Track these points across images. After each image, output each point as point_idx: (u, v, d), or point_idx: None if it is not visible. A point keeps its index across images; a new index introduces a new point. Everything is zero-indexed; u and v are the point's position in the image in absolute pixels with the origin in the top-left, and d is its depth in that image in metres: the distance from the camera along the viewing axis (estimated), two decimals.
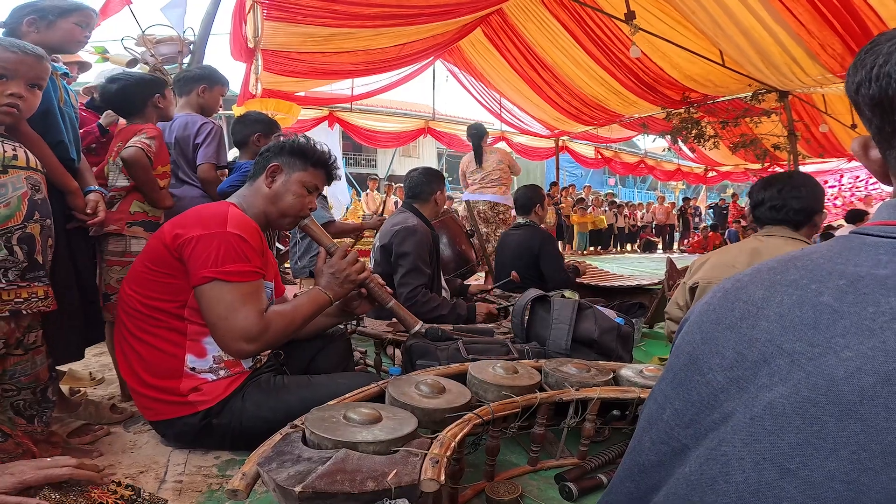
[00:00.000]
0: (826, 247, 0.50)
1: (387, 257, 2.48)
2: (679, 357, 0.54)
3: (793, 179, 1.81)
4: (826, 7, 4.94)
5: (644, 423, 0.57)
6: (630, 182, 23.36)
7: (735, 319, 0.49)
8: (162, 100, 2.01)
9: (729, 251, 2.01)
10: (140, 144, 1.82)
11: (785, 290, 0.47)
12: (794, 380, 0.41)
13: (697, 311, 0.56)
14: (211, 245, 1.34)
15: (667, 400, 0.53)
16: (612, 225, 13.14)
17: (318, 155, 1.60)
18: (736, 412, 0.45)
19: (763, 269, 0.53)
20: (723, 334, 0.50)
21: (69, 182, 1.61)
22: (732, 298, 0.52)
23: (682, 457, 0.49)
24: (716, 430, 0.46)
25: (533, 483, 1.35)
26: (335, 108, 8.56)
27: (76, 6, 1.73)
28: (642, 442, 0.56)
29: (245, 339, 1.33)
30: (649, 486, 0.52)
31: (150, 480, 1.30)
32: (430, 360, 1.63)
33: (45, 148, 1.50)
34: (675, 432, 0.50)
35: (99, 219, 1.67)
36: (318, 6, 5.09)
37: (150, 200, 1.89)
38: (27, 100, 1.32)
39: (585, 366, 1.48)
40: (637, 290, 3.42)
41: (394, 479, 0.84)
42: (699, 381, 0.49)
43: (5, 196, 1.23)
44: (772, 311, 0.47)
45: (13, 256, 1.23)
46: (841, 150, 10.81)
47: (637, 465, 0.55)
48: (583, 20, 6.81)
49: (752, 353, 0.46)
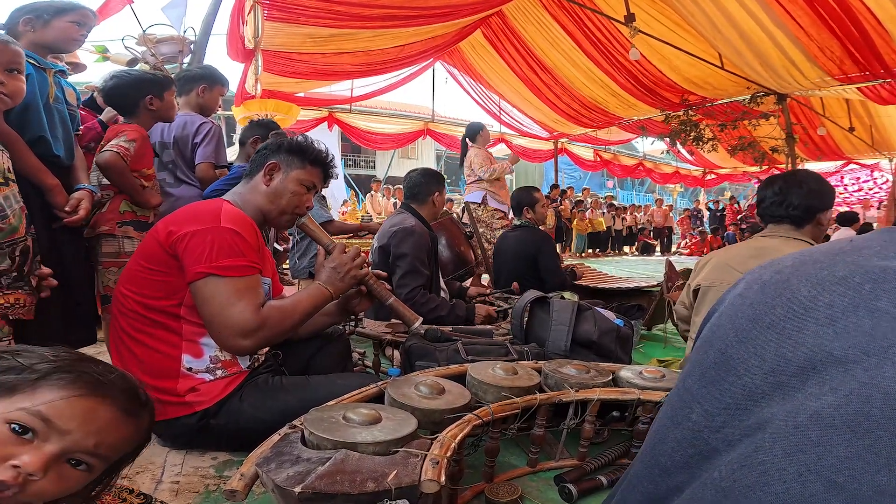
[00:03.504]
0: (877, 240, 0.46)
1: (385, 258, 2.47)
2: (709, 353, 0.50)
3: (796, 175, 1.80)
4: (824, 10, 4.95)
5: (667, 422, 0.54)
6: (628, 184, 23.40)
7: (777, 319, 0.46)
8: (157, 101, 1.96)
9: (730, 252, 2.00)
10: (116, 148, 1.79)
11: (835, 290, 0.44)
12: (845, 390, 0.39)
13: (729, 301, 0.52)
14: (205, 240, 1.33)
15: (694, 399, 0.50)
16: (611, 227, 13.15)
17: (315, 153, 1.60)
18: (775, 419, 0.42)
19: (807, 261, 0.48)
20: (762, 334, 0.46)
21: (46, 179, 1.59)
22: (773, 294, 0.48)
23: (710, 461, 0.46)
24: (752, 436, 0.43)
25: (532, 484, 1.35)
26: (334, 109, 8.56)
27: (72, 5, 1.73)
28: (665, 441, 0.52)
29: (241, 334, 1.31)
30: (670, 488, 0.50)
31: (146, 481, 1.29)
32: (430, 361, 1.63)
33: (18, 143, 1.49)
34: (704, 435, 0.47)
35: (78, 217, 1.64)
36: (319, 7, 5.10)
37: (135, 202, 1.88)
38: (8, 84, 1.31)
39: (585, 367, 1.47)
40: (635, 292, 3.42)
41: (394, 479, 0.83)
42: (734, 383, 0.46)
43: (11, 208, 1.24)
44: (821, 313, 0.43)
45: (12, 266, 1.24)
46: (839, 153, 10.85)
47: (658, 466, 0.52)
48: (582, 22, 6.83)
49: (798, 358, 0.43)
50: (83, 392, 0.64)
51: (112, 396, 0.67)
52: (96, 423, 0.65)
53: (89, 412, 0.65)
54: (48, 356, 0.66)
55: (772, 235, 1.81)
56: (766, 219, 1.84)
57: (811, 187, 1.74)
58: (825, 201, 1.77)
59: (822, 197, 1.76)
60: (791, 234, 1.77)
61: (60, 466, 0.63)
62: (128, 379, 0.72)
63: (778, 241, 1.77)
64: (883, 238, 0.46)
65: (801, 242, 1.74)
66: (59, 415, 0.62)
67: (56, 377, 0.64)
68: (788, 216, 1.77)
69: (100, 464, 0.67)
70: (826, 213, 1.77)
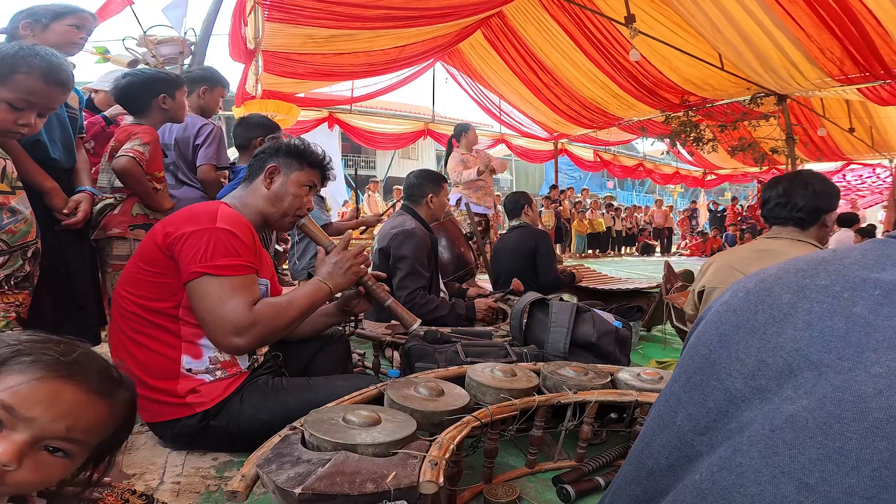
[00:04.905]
0: (859, 251, 0.47)
1: (385, 261, 2.48)
2: (694, 359, 0.51)
3: (801, 176, 1.76)
4: (825, 11, 4.96)
5: (654, 426, 0.55)
6: (628, 185, 23.40)
7: (758, 324, 0.47)
8: (169, 100, 1.96)
9: (734, 253, 1.99)
10: (132, 153, 1.78)
11: (815, 297, 0.45)
12: (819, 393, 0.40)
13: (715, 309, 0.53)
14: (200, 240, 1.33)
15: (679, 403, 0.51)
16: (611, 228, 13.15)
17: (313, 156, 1.61)
18: (754, 422, 0.43)
19: (790, 269, 0.49)
20: (744, 339, 0.47)
21: (44, 182, 1.59)
22: (756, 301, 0.49)
23: (694, 463, 0.47)
24: (731, 438, 0.44)
25: (530, 485, 1.35)
26: (335, 109, 8.58)
27: (71, 9, 1.74)
28: (651, 445, 0.53)
29: (235, 331, 1.30)
30: (657, 491, 0.51)
31: (147, 482, 1.30)
32: (429, 363, 1.64)
33: (14, 147, 1.49)
34: (689, 438, 0.48)
35: (76, 219, 1.64)
36: (319, 7, 5.11)
37: (148, 206, 1.88)
38: (34, 127, 1.32)
39: (583, 369, 1.48)
40: (635, 293, 3.43)
41: (393, 481, 0.84)
42: (716, 387, 0.47)
43: (23, 213, 1.25)
44: (800, 318, 0.44)
45: (22, 267, 1.25)
46: (839, 154, 10.86)
47: (645, 469, 0.53)
48: (583, 23, 6.84)
49: (777, 362, 0.43)
50: (43, 374, 0.61)
51: (77, 376, 0.63)
52: (62, 407, 0.61)
53: (53, 395, 0.61)
54: (9, 341, 0.63)
55: (776, 237, 1.78)
56: (771, 221, 1.80)
57: (816, 188, 1.70)
58: (830, 202, 1.73)
59: (828, 198, 1.72)
60: (796, 236, 1.73)
61: (37, 454, 0.60)
62: (94, 357, 0.68)
63: (782, 244, 1.74)
64: (867, 249, 0.47)
65: (806, 244, 1.70)
66: (22, 401, 0.59)
67: (15, 362, 0.61)
68: (793, 218, 1.73)
69: (79, 449, 0.64)
70: (831, 215, 1.74)
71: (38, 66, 1.27)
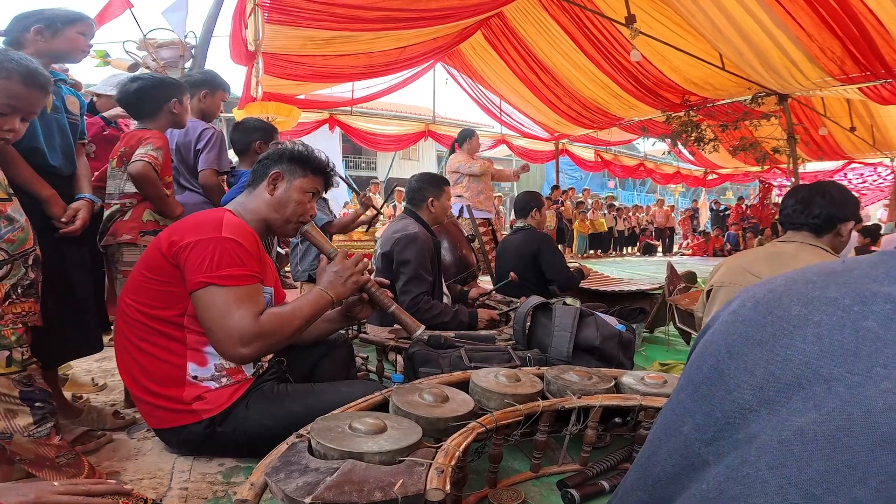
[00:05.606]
0: (869, 263, 0.47)
1: (388, 264, 2.49)
2: (701, 368, 0.52)
3: (822, 185, 1.79)
4: (825, 10, 4.96)
5: (660, 434, 0.55)
6: (630, 185, 23.39)
7: (767, 336, 0.47)
8: (178, 105, 1.96)
9: (745, 255, 2.00)
10: (147, 158, 1.78)
11: (824, 310, 0.45)
12: (828, 407, 0.40)
13: (723, 319, 0.53)
14: (206, 250, 1.34)
15: (686, 413, 0.51)
16: (612, 228, 13.15)
17: (317, 162, 1.61)
18: (762, 433, 0.43)
19: (800, 280, 0.49)
20: (753, 351, 0.47)
21: (42, 189, 1.58)
22: (764, 312, 0.49)
23: (700, 472, 0.47)
24: (738, 449, 0.44)
25: (535, 489, 1.36)
26: (336, 111, 8.58)
27: (81, 15, 1.74)
28: (658, 453, 0.54)
29: (241, 341, 1.31)
30: (663, 498, 0.52)
31: (155, 488, 1.31)
32: (433, 368, 1.64)
33: (11, 154, 1.49)
34: (696, 447, 0.49)
35: (74, 227, 1.63)
36: (319, 9, 5.11)
37: (161, 211, 1.87)
38: (18, 132, 1.33)
39: (587, 373, 1.49)
40: (637, 294, 3.43)
41: (400, 489, 0.85)
42: (724, 398, 0.47)
43: (19, 221, 1.25)
44: (809, 331, 0.44)
45: (26, 275, 1.25)
46: (840, 153, 10.85)
47: (651, 476, 0.54)
48: (583, 23, 6.84)
49: (786, 375, 0.44)
50: None
51: None
52: None
53: None
54: None
55: (788, 241, 1.80)
56: (787, 226, 1.83)
57: (835, 196, 1.74)
58: (847, 211, 1.75)
59: (844, 207, 1.74)
60: (808, 240, 1.76)
61: None
62: None
63: (793, 247, 1.77)
64: (878, 261, 0.47)
65: (818, 249, 1.73)
66: None
67: None
68: (808, 224, 1.76)
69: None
70: (847, 225, 1.75)
71: (17, 70, 1.28)
